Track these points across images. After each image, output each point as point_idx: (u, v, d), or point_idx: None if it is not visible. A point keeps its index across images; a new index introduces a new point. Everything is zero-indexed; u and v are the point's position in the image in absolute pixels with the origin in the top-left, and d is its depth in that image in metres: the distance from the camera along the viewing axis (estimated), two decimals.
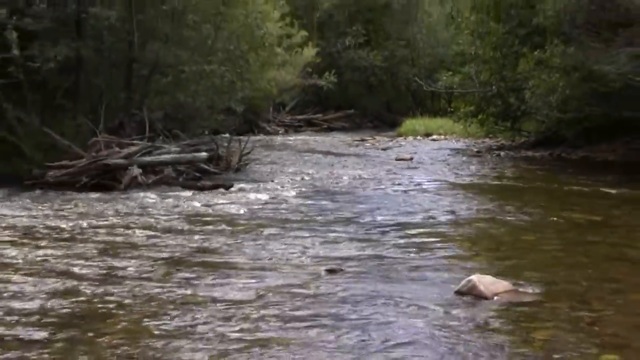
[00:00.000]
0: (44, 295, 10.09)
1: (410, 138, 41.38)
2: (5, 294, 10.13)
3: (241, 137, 27.92)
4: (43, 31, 22.12)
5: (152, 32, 24.35)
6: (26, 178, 21.48)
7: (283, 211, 17.90)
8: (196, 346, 8.06)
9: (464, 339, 8.35)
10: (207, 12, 25.14)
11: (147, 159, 22.63)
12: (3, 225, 15.73)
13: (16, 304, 9.65)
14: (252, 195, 20.25)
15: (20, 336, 8.36)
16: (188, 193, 20.69)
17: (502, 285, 10.17)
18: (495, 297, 9.85)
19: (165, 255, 12.83)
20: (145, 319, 9.11)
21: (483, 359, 7.72)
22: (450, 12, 45.96)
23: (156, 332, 8.57)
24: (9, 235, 14.59)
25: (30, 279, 11.04)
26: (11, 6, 21.50)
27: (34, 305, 9.62)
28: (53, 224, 15.88)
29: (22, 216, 16.85)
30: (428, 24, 54.85)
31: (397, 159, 30.24)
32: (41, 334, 8.41)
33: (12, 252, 13.05)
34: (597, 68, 24.67)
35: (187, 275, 11.39)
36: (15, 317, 9.03)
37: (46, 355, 7.76)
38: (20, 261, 12.31)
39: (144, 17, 24.00)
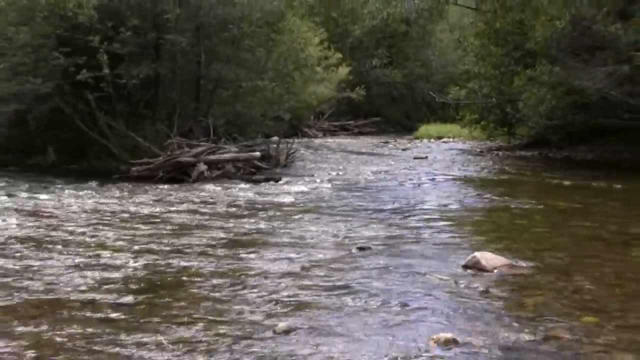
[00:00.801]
0: (129, 267, 10.14)
1: (425, 140, 41.26)
2: (97, 266, 10.17)
3: (287, 139, 27.91)
4: (128, 54, 22.18)
5: (215, 55, 24.36)
6: (114, 173, 21.62)
7: (321, 200, 17.89)
8: (252, 309, 8.07)
9: (470, 303, 8.36)
10: (260, 38, 25.15)
11: (212, 157, 22.65)
12: (98, 210, 15.84)
13: (106, 274, 9.70)
14: (296, 187, 20.24)
15: (110, 300, 8.40)
16: (244, 185, 20.69)
17: (500, 260, 10.15)
18: (495, 270, 9.83)
19: (226, 235, 12.86)
20: (210, 287, 9.13)
21: (485, 319, 7.72)
22: (458, 38, 46.01)
23: (218, 297, 8.60)
24: (101, 218, 14.66)
25: (117, 254, 11.08)
26: (102, 34, 21.54)
27: (119, 275, 9.67)
28: (135, 210, 15.96)
29: (112, 203, 16.92)
30: (440, 47, 54.69)
31: (414, 158, 30.14)
32: (127, 299, 8.45)
33: (104, 231, 13.13)
34: (577, 83, 24.68)
35: (244, 251, 11.40)
36: (106, 285, 9.08)
37: (131, 316, 7.79)
38: (110, 239, 12.37)
39: (209, 42, 24.01)
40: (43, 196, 18.07)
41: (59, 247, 11.66)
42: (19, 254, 11.04)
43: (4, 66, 22.17)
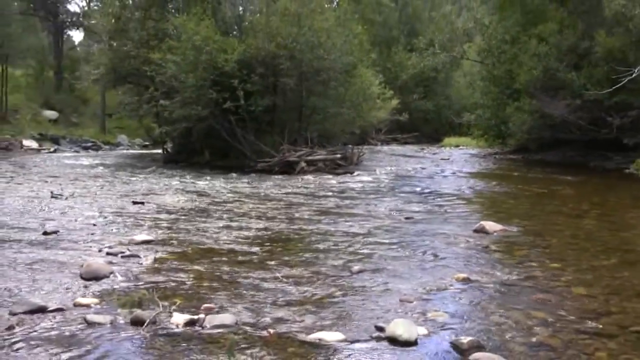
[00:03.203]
0: (254, 229, 10.19)
1: (448, 148, 40.94)
2: (235, 228, 10.25)
3: (358, 146, 27.90)
4: (256, 91, 22.29)
5: (312, 91, 24.38)
6: (247, 167, 21.79)
7: (380, 186, 17.80)
8: (336, 256, 8.09)
9: (478, 254, 8.37)
10: (341, 80, 25.11)
11: (309, 157, 22.69)
12: (236, 191, 15.95)
13: (242, 233, 9.77)
14: (364, 178, 20.15)
15: (243, 249, 8.46)
16: (330, 176, 20.65)
17: (498, 226, 10.08)
18: (494, 233, 9.77)
19: (318, 208, 12.86)
20: (308, 242, 9.17)
21: (488, 265, 7.73)
22: (469, 81, 45.79)
23: (313, 249, 8.63)
24: (238, 197, 14.77)
25: (248, 219, 11.16)
26: (240, 78, 21.70)
27: (250, 233, 9.72)
28: (260, 191, 16.03)
29: (245, 187, 17.03)
30: (457, 86, 54.25)
31: (440, 159, 29.88)
32: (254, 249, 8.51)
33: (240, 205, 13.23)
34: (547, 111, 24.79)
35: (330, 219, 11.40)
36: (241, 240, 9.15)
37: (257, 260, 7.85)
38: (244, 210, 12.45)
39: (308, 83, 24.06)
40: (201, 182, 18.28)
41: (212, 215, 11.78)
42: (187, 219, 11.18)
43: (179, 99, 22.49)
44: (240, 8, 27.64)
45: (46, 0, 47.23)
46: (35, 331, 5.16)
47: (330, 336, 5.08)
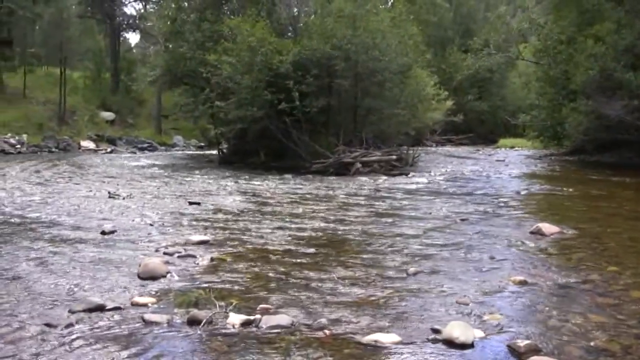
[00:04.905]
0: (309, 229, 10.22)
1: (503, 149, 40.58)
2: (291, 228, 10.30)
3: (413, 147, 27.79)
4: (311, 92, 22.37)
5: (367, 92, 24.35)
6: (302, 168, 21.90)
7: (435, 187, 17.68)
8: (391, 258, 8.07)
9: (535, 257, 8.22)
10: (396, 81, 25.02)
11: (364, 158, 22.69)
12: (291, 192, 16.02)
13: (297, 233, 9.81)
14: (419, 179, 20.07)
15: (299, 250, 8.49)
16: (385, 177, 20.62)
17: (555, 228, 9.92)
18: (551, 235, 9.61)
19: (373, 209, 12.84)
20: (363, 243, 9.15)
21: (545, 268, 7.58)
22: (524, 82, 45.34)
23: (369, 250, 8.63)
24: (293, 197, 14.84)
25: (303, 220, 11.20)
26: (294, 79, 21.83)
27: (305, 234, 9.76)
28: (315, 192, 16.08)
29: (300, 187, 17.11)
30: (513, 87, 53.70)
31: (496, 160, 29.66)
32: (310, 250, 8.52)
33: (295, 206, 13.29)
34: (603, 112, 24.31)
35: (385, 220, 11.37)
36: (297, 241, 9.18)
37: (312, 261, 7.87)
38: (299, 210, 12.50)
39: (363, 84, 24.05)
40: (256, 182, 18.42)
41: (268, 215, 11.86)
42: (242, 219, 11.27)
43: (234, 100, 22.71)
44: (295, 9, 27.80)
45: (103, 3, 48.19)
46: (93, 329, 5.26)
47: (386, 338, 5.07)
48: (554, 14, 32.36)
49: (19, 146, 32.04)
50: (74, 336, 5.07)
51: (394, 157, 24.24)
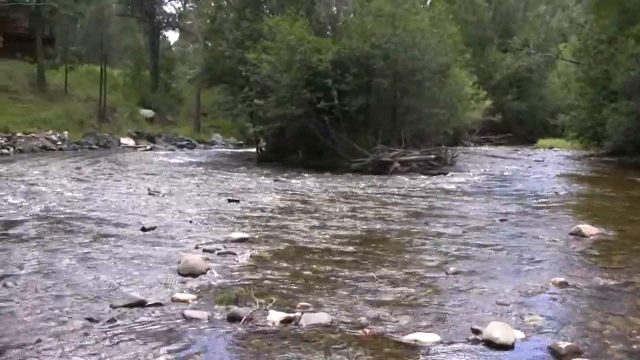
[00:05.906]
0: (348, 228, 10.25)
1: (542, 150, 40.09)
2: (330, 227, 10.32)
3: (451, 147, 27.65)
4: (350, 91, 22.35)
5: (406, 92, 24.20)
6: (340, 167, 21.89)
7: (474, 187, 17.59)
8: (431, 257, 8.06)
9: (575, 258, 8.18)
10: (435, 81, 24.88)
11: (403, 158, 22.62)
12: (330, 190, 16.06)
13: (336, 232, 9.83)
14: (457, 178, 19.98)
15: (339, 249, 8.52)
16: (424, 177, 20.56)
17: (595, 230, 9.83)
18: (591, 237, 9.51)
19: (412, 208, 12.81)
20: (402, 242, 9.17)
21: (585, 269, 7.53)
22: (564, 82, 44.84)
23: (408, 249, 8.64)
24: (332, 196, 14.86)
25: (342, 219, 11.21)
26: (333, 78, 21.85)
27: (344, 233, 9.77)
28: (354, 191, 16.09)
29: (339, 186, 17.11)
30: (552, 87, 53.05)
31: (534, 160, 29.39)
32: (349, 248, 8.55)
33: (334, 204, 13.31)
34: None
35: (424, 220, 11.37)
36: (336, 239, 9.20)
37: (352, 260, 7.88)
38: (338, 209, 12.52)
39: (402, 83, 23.95)
40: (294, 180, 18.49)
41: (306, 213, 11.90)
42: (281, 217, 11.33)
43: (273, 98, 22.80)
44: (334, 8, 27.78)
45: (143, 1, 48.67)
46: (135, 324, 5.34)
47: (426, 337, 5.07)
48: (594, 13, 32.00)
49: (60, 143, 32.35)
50: (115, 331, 5.15)
51: (433, 156, 24.15)
